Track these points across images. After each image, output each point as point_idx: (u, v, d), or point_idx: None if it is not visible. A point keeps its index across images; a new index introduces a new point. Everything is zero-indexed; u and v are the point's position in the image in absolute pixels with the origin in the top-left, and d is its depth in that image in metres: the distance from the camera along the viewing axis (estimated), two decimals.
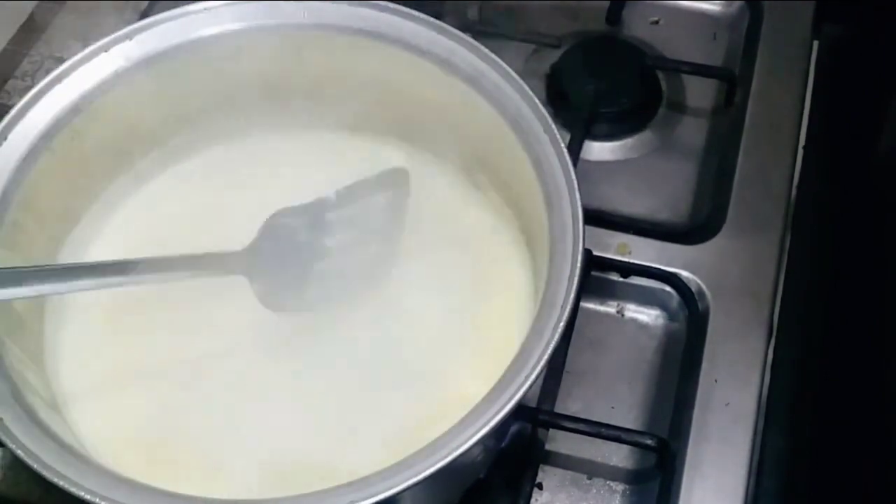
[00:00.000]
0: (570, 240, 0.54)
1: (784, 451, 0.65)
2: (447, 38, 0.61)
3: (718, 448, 0.62)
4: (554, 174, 0.57)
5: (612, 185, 0.75)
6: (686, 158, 0.77)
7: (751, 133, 0.75)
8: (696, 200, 0.75)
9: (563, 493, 0.63)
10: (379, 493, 0.47)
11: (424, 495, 0.57)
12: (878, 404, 0.65)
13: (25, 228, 0.59)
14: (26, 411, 0.52)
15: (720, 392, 0.64)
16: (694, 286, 0.68)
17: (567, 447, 0.64)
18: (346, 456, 0.55)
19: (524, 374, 0.50)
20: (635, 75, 0.79)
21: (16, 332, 0.57)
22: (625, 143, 0.77)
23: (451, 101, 0.62)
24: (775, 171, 0.73)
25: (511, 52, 0.71)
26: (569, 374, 0.66)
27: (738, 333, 0.66)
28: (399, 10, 0.61)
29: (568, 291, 0.53)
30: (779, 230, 0.70)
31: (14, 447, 0.49)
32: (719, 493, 0.60)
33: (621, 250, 0.69)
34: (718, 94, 0.79)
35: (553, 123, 0.58)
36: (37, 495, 0.61)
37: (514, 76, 0.59)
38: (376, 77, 0.64)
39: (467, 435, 0.48)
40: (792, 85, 0.77)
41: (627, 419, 0.65)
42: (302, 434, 0.57)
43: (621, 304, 0.70)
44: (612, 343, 0.69)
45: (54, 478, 0.48)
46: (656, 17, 0.83)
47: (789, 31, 0.80)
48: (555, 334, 0.51)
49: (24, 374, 0.55)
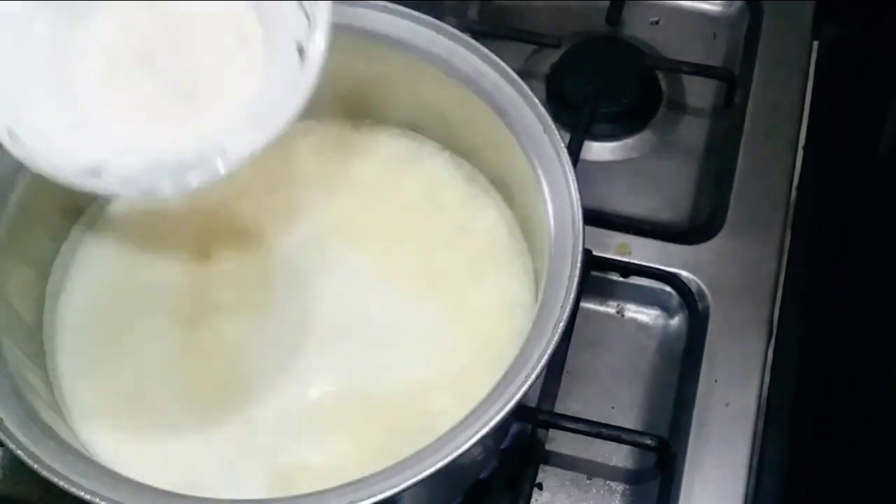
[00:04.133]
0: (570, 240, 0.55)
1: (784, 451, 0.65)
2: (447, 39, 0.61)
3: (718, 448, 0.62)
4: (554, 174, 0.57)
5: (612, 185, 0.75)
6: (686, 158, 0.77)
7: (751, 133, 0.75)
8: (696, 200, 0.75)
9: (563, 493, 0.63)
10: (379, 493, 0.47)
11: (424, 495, 0.57)
12: (878, 404, 0.65)
13: (26, 227, 0.59)
14: (26, 411, 0.52)
15: (720, 392, 0.64)
16: (694, 286, 0.68)
17: (567, 447, 0.64)
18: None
19: (524, 374, 0.50)
20: (635, 75, 0.79)
21: (16, 332, 0.57)
22: (625, 143, 0.77)
23: (451, 101, 0.62)
24: (775, 171, 0.73)
25: (511, 52, 0.71)
26: (569, 374, 0.67)
27: (738, 333, 0.66)
28: (399, 11, 0.61)
29: (568, 291, 0.53)
30: (779, 230, 0.70)
31: (14, 447, 0.49)
32: (719, 493, 0.61)
33: (621, 250, 0.69)
34: (718, 94, 0.79)
35: (553, 123, 0.58)
36: (37, 495, 0.61)
37: (514, 76, 0.59)
38: (376, 77, 0.64)
39: (467, 435, 0.49)
40: (792, 85, 0.77)
41: (627, 419, 0.65)
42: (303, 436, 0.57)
43: (621, 304, 0.70)
44: (612, 343, 0.69)
45: (54, 478, 0.49)
46: (656, 17, 0.83)
47: (789, 31, 0.80)
48: (555, 334, 0.51)
49: (24, 374, 0.55)
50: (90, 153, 0.50)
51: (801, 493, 0.65)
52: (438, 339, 0.60)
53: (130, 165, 0.49)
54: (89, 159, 0.49)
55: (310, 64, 0.50)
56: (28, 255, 0.60)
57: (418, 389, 0.58)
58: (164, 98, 0.53)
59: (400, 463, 0.48)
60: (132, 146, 0.51)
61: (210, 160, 0.48)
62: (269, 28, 0.52)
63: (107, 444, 0.57)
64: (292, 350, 0.60)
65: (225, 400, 0.58)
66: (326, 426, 0.57)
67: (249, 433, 0.57)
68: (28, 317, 0.60)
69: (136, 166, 0.49)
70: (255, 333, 0.60)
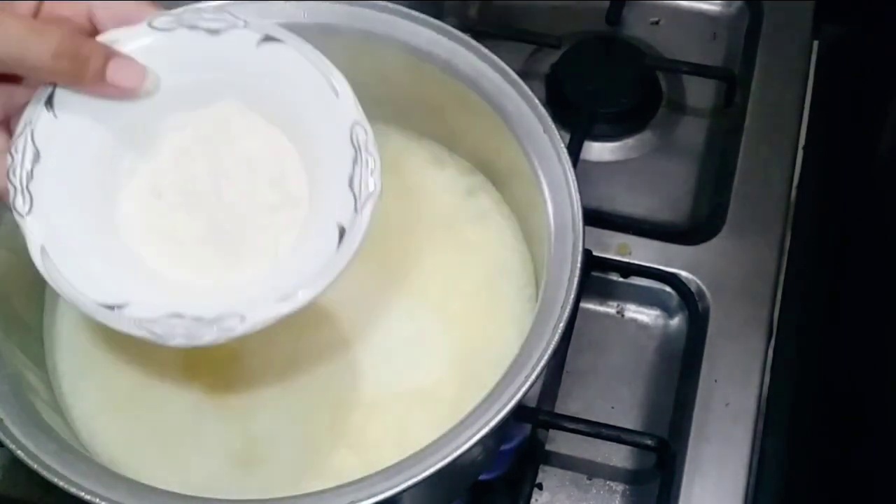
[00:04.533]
0: (570, 240, 0.54)
1: (784, 451, 0.65)
2: (447, 39, 0.61)
3: (718, 448, 0.62)
4: (554, 174, 0.57)
5: (612, 185, 0.75)
6: (686, 158, 0.77)
7: (751, 133, 0.75)
8: (696, 200, 0.75)
9: (563, 493, 0.63)
10: (379, 493, 0.47)
11: (424, 495, 0.57)
12: (878, 404, 0.65)
13: None
14: (26, 411, 0.52)
15: (720, 392, 0.64)
16: (694, 286, 0.68)
17: (567, 447, 0.64)
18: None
19: (524, 374, 0.50)
20: (635, 75, 0.79)
21: (16, 332, 0.57)
22: (625, 143, 0.77)
23: (451, 102, 0.62)
24: (775, 171, 0.73)
25: (511, 52, 0.71)
26: (569, 374, 0.67)
27: (738, 333, 0.66)
28: (399, 11, 0.61)
29: (568, 292, 0.53)
30: (779, 230, 0.70)
31: (14, 447, 0.49)
32: (719, 493, 0.61)
33: (621, 250, 0.69)
34: (718, 94, 0.79)
35: (553, 123, 0.58)
36: (37, 495, 0.61)
37: (514, 76, 0.59)
38: (375, 77, 0.64)
39: (467, 435, 0.49)
40: (792, 85, 0.77)
41: (627, 419, 0.65)
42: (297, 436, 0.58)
43: (621, 304, 0.70)
44: (612, 343, 0.69)
45: (54, 478, 0.48)
46: (656, 17, 0.83)
47: (789, 31, 0.80)
48: (555, 334, 0.51)
49: (24, 374, 0.55)
50: (115, 292, 0.49)
51: (801, 493, 0.65)
52: (438, 339, 0.60)
53: (150, 310, 0.49)
54: (113, 298, 0.49)
55: (347, 247, 0.49)
56: (28, 255, 0.60)
57: (418, 392, 0.58)
58: (198, 239, 0.53)
59: (400, 463, 0.48)
60: (157, 291, 0.51)
61: (227, 323, 0.48)
62: (315, 199, 0.52)
63: (107, 444, 0.57)
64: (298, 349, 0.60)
65: (225, 400, 0.58)
66: (326, 428, 0.57)
67: (249, 433, 0.57)
68: (28, 317, 0.59)
69: (155, 311, 0.49)
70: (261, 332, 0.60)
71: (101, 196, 0.52)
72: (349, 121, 0.51)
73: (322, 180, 0.52)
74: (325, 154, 0.51)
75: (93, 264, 0.50)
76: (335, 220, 0.50)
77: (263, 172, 0.53)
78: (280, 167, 0.53)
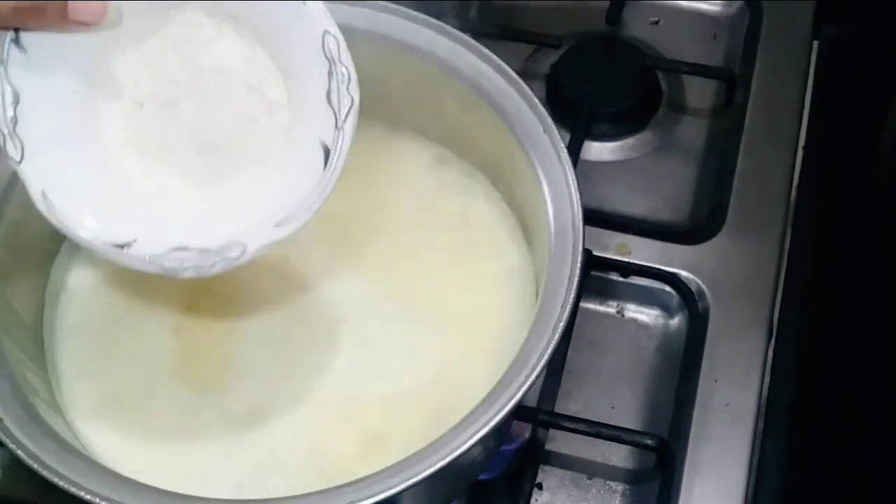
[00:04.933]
0: (570, 240, 0.55)
1: (784, 451, 0.65)
2: (447, 39, 0.61)
3: (718, 448, 0.62)
4: (554, 174, 0.57)
5: (612, 185, 0.75)
6: (686, 158, 0.77)
7: (751, 133, 0.75)
8: (696, 200, 0.75)
9: (563, 493, 0.63)
10: (379, 493, 0.47)
11: (424, 495, 0.57)
12: (878, 404, 0.65)
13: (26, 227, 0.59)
14: (26, 411, 0.52)
15: (720, 392, 0.64)
16: (694, 286, 0.68)
17: (567, 447, 0.64)
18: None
19: (524, 374, 0.50)
20: (635, 75, 0.79)
21: (16, 332, 0.57)
22: (625, 143, 0.77)
23: (451, 102, 0.62)
24: (775, 171, 0.73)
25: (511, 52, 0.71)
26: (569, 374, 0.67)
27: (738, 333, 0.66)
28: (399, 10, 0.61)
29: (568, 291, 0.53)
30: (779, 230, 0.70)
31: (14, 447, 0.50)
32: (719, 493, 0.61)
33: (621, 250, 0.69)
34: (718, 94, 0.79)
35: (553, 123, 0.58)
36: (37, 495, 0.61)
37: (514, 76, 0.59)
38: (375, 77, 0.63)
39: (467, 435, 0.49)
40: (792, 85, 0.77)
41: (627, 419, 0.65)
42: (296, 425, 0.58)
43: (621, 304, 0.70)
44: (612, 343, 0.69)
45: (54, 478, 0.49)
46: (656, 17, 0.83)
47: (789, 31, 0.80)
48: (555, 334, 0.51)
49: (24, 374, 0.55)
50: (121, 228, 0.51)
51: (801, 493, 0.65)
52: (437, 339, 0.60)
53: (157, 245, 0.51)
54: (120, 236, 0.50)
55: (333, 167, 0.51)
56: (28, 255, 0.60)
57: (418, 391, 0.58)
58: (188, 152, 0.53)
59: (400, 463, 0.48)
60: (160, 218, 0.52)
61: (231, 253, 0.51)
62: (294, 111, 0.53)
63: (107, 444, 0.57)
64: (292, 349, 0.60)
65: (224, 399, 0.58)
66: (325, 427, 0.57)
67: (249, 433, 0.57)
68: (28, 317, 0.60)
69: (162, 246, 0.51)
70: (255, 333, 0.60)
71: (85, 124, 0.52)
72: (319, 30, 0.51)
73: (299, 93, 0.52)
74: (297, 65, 0.52)
75: (94, 200, 0.51)
76: (318, 136, 0.51)
77: (239, 78, 0.53)
78: (256, 74, 0.53)
